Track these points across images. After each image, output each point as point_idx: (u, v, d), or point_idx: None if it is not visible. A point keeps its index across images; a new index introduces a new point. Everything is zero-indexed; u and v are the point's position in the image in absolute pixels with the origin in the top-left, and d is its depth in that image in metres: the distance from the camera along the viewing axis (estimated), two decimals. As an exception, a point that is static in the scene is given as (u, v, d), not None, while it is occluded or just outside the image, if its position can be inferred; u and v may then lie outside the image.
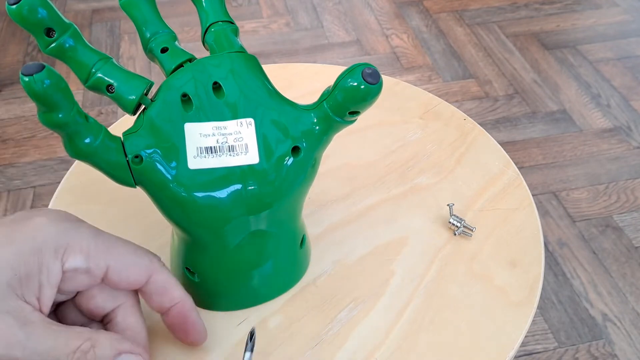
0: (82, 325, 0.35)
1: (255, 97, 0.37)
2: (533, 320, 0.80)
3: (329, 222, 0.49)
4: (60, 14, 0.34)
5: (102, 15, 1.79)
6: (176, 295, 0.35)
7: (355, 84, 0.35)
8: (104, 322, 0.36)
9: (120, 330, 0.35)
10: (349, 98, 0.35)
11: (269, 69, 0.63)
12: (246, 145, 0.36)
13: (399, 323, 0.42)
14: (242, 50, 0.39)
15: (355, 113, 0.36)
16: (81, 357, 0.30)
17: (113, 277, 0.33)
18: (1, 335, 0.29)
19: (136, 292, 0.36)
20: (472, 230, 0.47)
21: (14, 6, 0.32)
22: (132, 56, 1.62)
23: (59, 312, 0.35)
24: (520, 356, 1.00)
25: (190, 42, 1.68)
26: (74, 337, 0.30)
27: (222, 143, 0.36)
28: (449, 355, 0.40)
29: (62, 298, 0.34)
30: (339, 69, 0.63)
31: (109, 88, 0.36)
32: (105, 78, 0.36)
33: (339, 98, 0.36)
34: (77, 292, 0.34)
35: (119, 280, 0.33)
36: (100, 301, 0.34)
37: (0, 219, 0.33)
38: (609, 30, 1.73)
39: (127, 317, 0.35)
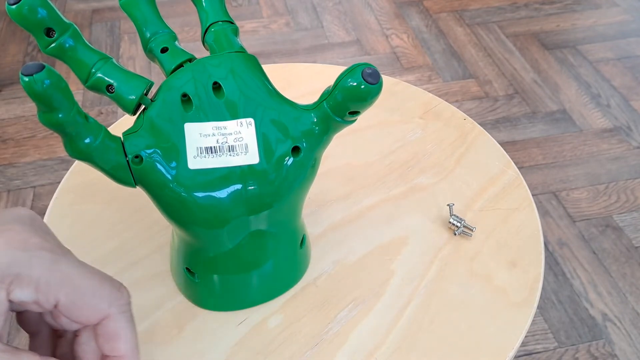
0: (59, 330, 0.34)
1: (255, 97, 0.37)
2: (533, 320, 0.80)
3: (329, 222, 0.49)
4: (60, 14, 0.34)
5: (102, 15, 1.79)
6: (122, 347, 0.32)
7: (355, 83, 0.35)
8: (75, 335, 0.34)
9: (81, 352, 0.33)
10: (349, 98, 0.35)
11: (269, 69, 0.63)
12: (246, 145, 0.36)
13: (399, 323, 0.42)
14: (242, 50, 0.39)
15: (355, 113, 0.36)
16: None
17: (62, 311, 0.31)
18: None
19: None
20: (472, 230, 0.47)
21: (14, 6, 0.32)
22: (132, 56, 1.62)
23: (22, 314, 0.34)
24: (520, 356, 1.00)
25: (190, 42, 1.68)
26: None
27: (222, 143, 0.36)
28: (449, 355, 0.40)
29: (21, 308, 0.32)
30: (339, 69, 0.63)
31: (109, 88, 0.36)
32: (105, 78, 0.36)
33: (339, 98, 0.36)
34: None
35: (68, 315, 0.31)
36: (64, 322, 0.32)
37: None
38: (609, 30, 1.73)
39: (91, 340, 0.33)
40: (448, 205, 0.49)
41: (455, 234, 0.48)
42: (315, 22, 1.76)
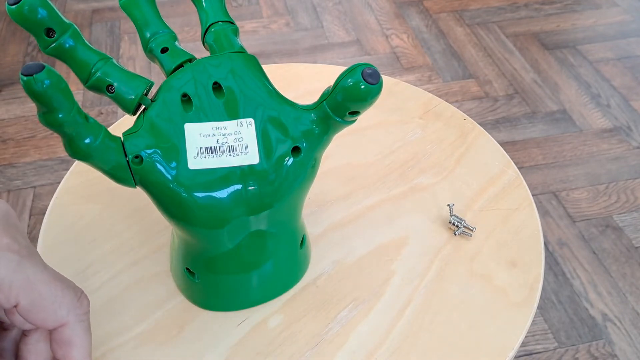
0: (8, 324, 0.34)
1: (255, 97, 0.37)
2: (533, 320, 0.80)
3: (329, 222, 0.49)
4: (60, 14, 0.34)
5: (102, 15, 1.79)
6: (74, 355, 0.33)
7: (355, 84, 0.35)
8: (24, 334, 0.35)
9: (26, 352, 0.34)
10: (349, 98, 0.35)
11: (269, 69, 0.63)
12: (246, 145, 0.36)
13: (399, 323, 0.42)
14: (242, 51, 0.39)
15: (356, 113, 0.36)
16: None
17: (21, 313, 0.31)
18: None
19: None
20: (472, 230, 0.47)
21: (14, 6, 0.32)
22: (132, 56, 1.62)
23: None
24: (520, 356, 1.00)
25: (190, 42, 1.68)
26: None
27: (222, 143, 0.36)
28: (449, 355, 0.40)
29: None
30: (339, 69, 0.63)
31: (109, 88, 0.36)
32: (105, 78, 0.36)
33: (339, 98, 0.36)
34: None
35: (26, 317, 0.31)
36: (17, 320, 0.33)
37: None
38: (609, 30, 1.73)
39: (39, 342, 0.34)
40: (448, 205, 0.49)
41: (455, 234, 0.48)
42: (315, 22, 1.76)
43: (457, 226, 0.47)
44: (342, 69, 0.64)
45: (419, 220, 0.49)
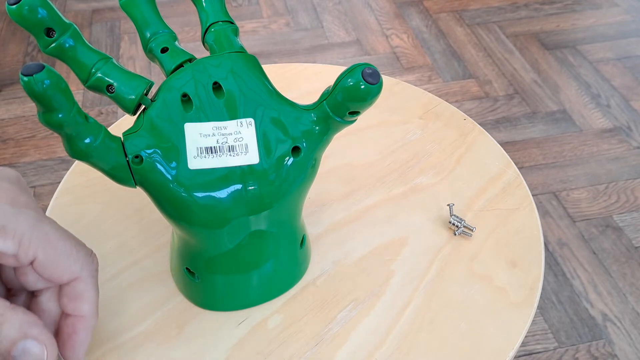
0: (16, 289, 0.36)
1: (255, 97, 0.37)
2: (533, 320, 0.80)
3: (329, 222, 0.49)
4: (60, 14, 0.34)
5: (102, 15, 1.79)
6: (84, 308, 0.34)
7: (355, 83, 0.34)
8: (32, 295, 0.36)
9: (38, 310, 0.35)
10: (349, 98, 0.35)
11: (269, 69, 0.63)
12: (246, 145, 0.36)
13: (399, 323, 0.42)
14: (242, 51, 0.39)
15: (356, 113, 0.36)
16: None
17: (38, 268, 0.33)
18: None
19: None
20: (472, 230, 0.47)
21: (14, 6, 0.32)
22: (132, 56, 1.62)
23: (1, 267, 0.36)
24: (520, 356, 1.00)
25: (190, 42, 1.68)
26: None
27: (222, 143, 0.36)
28: (449, 355, 0.40)
29: None
30: (339, 69, 0.63)
31: (109, 88, 0.36)
32: (105, 78, 0.36)
33: (339, 98, 0.36)
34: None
35: (42, 272, 0.33)
36: (30, 280, 0.34)
37: None
38: (609, 30, 1.73)
39: (49, 301, 0.35)
40: (448, 205, 0.49)
41: (455, 234, 0.48)
42: (315, 22, 1.76)
43: (457, 226, 0.47)
44: (342, 69, 0.64)
45: (419, 220, 0.49)
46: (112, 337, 0.41)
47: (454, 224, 0.47)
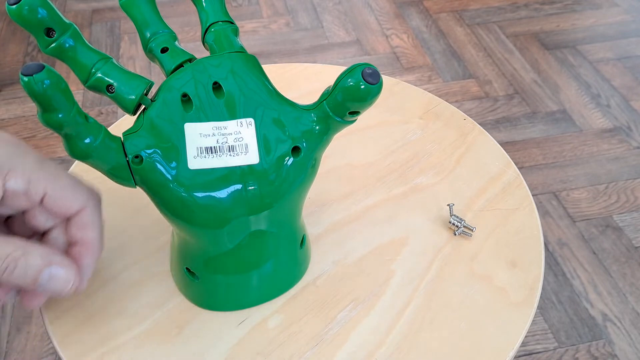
0: (29, 237, 0.38)
1: (255, 97, 0.37)
2: (533, 320, 0.80)
3: (329, 222, 0.49)
4: (60, 14, 0.34)
5: (102, 15, 1.79)
6: (91, 235, 0.38)
7: (355, 83, 0.34)
8: (43, 237, 0.39)
9: (52, 246, 0.38)
10: (349, 98, 0.35)
11: (269, 69, 0.63)
12: (246, 145, 0.36)
13: (399, 323, 0.42)
14: (242, 50, 0.39)
15: (356, 113, 0.36)
16: (11, 263, 0.34)
17: (48, 203, 0.35)
18: None
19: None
20: (472, 230, 0.47)
21: (14, 6, 0.32)
22: (132, 56, 1.62)
23: (9, 223, 0.39)
24: (520, 356, 1.00)
25: (190, 42, 1.68)
26: (7, 245, 0.34)
27: (222, 143, 0.36)
28: (449, 355, 0.40)
29: (9, 212, 0.37)
30: (339, 69, 0.63)
31: (109, 88, 0.36)
32: (105, 78, 0.36)
33: (339, 98, 0.36)
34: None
35: (52, 207, 0.36)
36: (40, 220, 0.37)
37: None
38: (609, 30, 1.73)
39: (59, 237, 0.38)
40: (448, 205, 0.49)
41: (455, 234, 0.48)
42: (315, 22, 1.76)
43: (457, 226, 0.47)
44: (342, 69, 0.64)
45: (419, 220, 0.49)
46: (112, 337, 0.41)
47: (454, 224, 0.47)
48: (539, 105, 1.48)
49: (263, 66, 0.50)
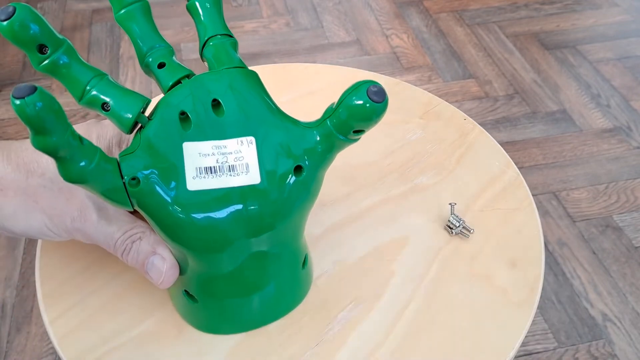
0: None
1: (256, 115, 0.36)
2: (533, 320, 0.80)
3: (329, 223, 0.49)
4: (53, 30, 0.33)
5: (102, 15, 1.79)
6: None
7: (361, 102, 0.33)
8: None
9: None
10: (354, 116, 0.34)
11: (269, 69, 0.63)
12: (247, 164, 0.35)
13: (399, 323, 0.42)
14: (242, 66, 0.37)
15: (360, 132, 0.35)
16: (128, 242, 0.37)
17: None
18: (81, 214, 0.38)
19: None
20: (470, 232, 0.47)
21: (5, 22, 0.31)
22: (132, 56, 1.62)
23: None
24: (520, 356, 1.00)
25: (190, 42, 1.68)
26: (133, 226, 0.38)
27: (222, 163, 0.35)
28: (449, 355, 0.40)
29: None
30: (339, 69, 0.63)
31: (104, 106, 0.34)
32: (101, 96, 0.34)
33: (343, 116, 0.34)
34: None
35: None
36: None
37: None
38: (609, 30, 1.73)
39: None
40: (450, 204, 0.49)
41: (452, 234, 0.47)
42: (315, 22, 1.76)
43: (455, 225, 0.47)
44: (342, 68, 0.64)
45: (419, 220, 0.49)
46: (112, 337, 0.41)
47: (451, 223, 0.47)
48: (539, 105, 1.48)
49: (263, 66, 0.50)
